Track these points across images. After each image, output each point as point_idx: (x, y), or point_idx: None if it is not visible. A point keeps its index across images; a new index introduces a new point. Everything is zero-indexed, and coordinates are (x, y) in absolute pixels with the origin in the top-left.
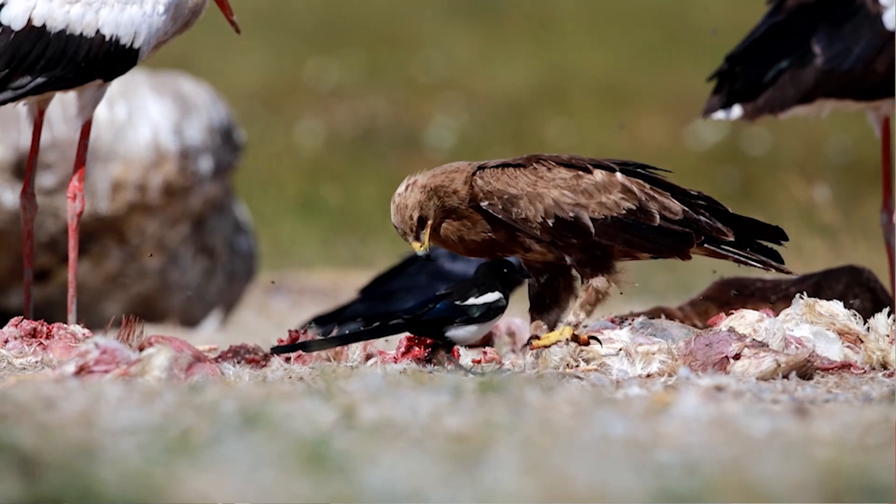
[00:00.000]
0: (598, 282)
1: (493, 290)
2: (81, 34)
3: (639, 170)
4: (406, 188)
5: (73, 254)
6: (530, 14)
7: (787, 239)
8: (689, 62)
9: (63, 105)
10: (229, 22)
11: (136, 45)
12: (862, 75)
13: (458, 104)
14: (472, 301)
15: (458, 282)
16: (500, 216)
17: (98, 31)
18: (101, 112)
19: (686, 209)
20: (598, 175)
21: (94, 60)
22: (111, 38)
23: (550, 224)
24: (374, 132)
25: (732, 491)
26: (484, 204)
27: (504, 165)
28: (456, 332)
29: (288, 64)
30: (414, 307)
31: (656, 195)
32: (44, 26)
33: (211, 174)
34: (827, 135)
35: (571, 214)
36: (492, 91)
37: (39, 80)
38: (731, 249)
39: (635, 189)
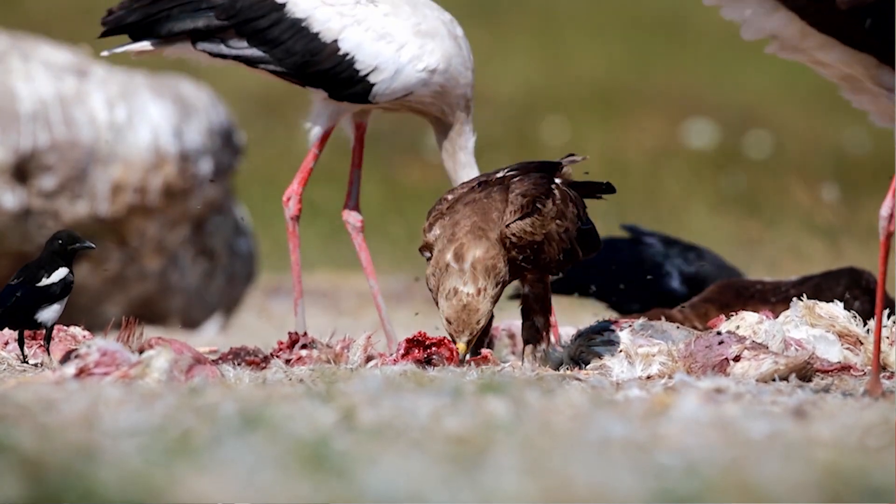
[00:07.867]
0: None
1: (59, 267)
2: (317, 34)
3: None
4: (478, 293)
5: (294, 254)
6: (531, 16)
7: (614, 191)
8: (689, 64)
9: (63, 106)
10: None
11: (371, 79)
12: None
13: None
14: (47, 281)
15: (23, 268)
16: (527, 265)
17: (335, 42)
18: (100, 114)
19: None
20: (557, 192)
21: (313, 65)
22: (344, 55)
23: (561, 259)
24: (375, 134)
25: (732, 492)
26: (519, 258)
27: (524, 216)
28: (46, 315)
29: None
30: None
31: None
32: (284, 5)
33: (211, 176)
34: (826, 136)
35: (569, 246)
36: (493, 92)
37: (255, 51)
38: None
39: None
